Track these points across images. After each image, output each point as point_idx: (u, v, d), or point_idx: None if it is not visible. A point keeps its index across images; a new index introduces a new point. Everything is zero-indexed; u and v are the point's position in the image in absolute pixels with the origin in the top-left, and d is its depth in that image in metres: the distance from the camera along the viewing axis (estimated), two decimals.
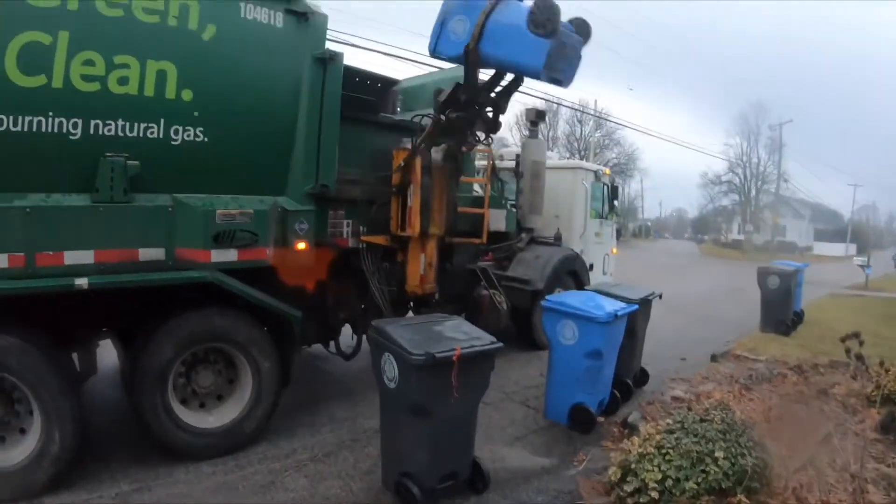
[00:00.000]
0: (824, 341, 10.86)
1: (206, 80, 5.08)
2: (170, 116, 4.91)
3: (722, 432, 4.68)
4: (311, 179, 5.81)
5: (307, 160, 5.78)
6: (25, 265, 4.32)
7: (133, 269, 4.79)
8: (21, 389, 4.43)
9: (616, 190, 11.75)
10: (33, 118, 4.31)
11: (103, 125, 4.61)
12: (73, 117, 4.48)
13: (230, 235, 5.14)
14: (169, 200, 4.97)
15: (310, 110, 5.72)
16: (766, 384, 8.21)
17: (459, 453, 4.79)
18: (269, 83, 5.50)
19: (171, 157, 4.97)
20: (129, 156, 4.68)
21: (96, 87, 4.53)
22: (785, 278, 12.23)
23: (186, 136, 5.01)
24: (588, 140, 49.81)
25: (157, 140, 4.88)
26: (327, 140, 5.87)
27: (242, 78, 5.31)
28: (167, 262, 4.97)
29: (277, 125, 5.59)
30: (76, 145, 4.52)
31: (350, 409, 6.62)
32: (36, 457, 4.42)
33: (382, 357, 4.61)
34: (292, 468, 5.21)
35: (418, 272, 7.12)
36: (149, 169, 4.78)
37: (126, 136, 4.72)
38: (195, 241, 5.02)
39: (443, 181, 6.97)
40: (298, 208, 5.70)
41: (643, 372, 8.00)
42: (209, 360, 5.43)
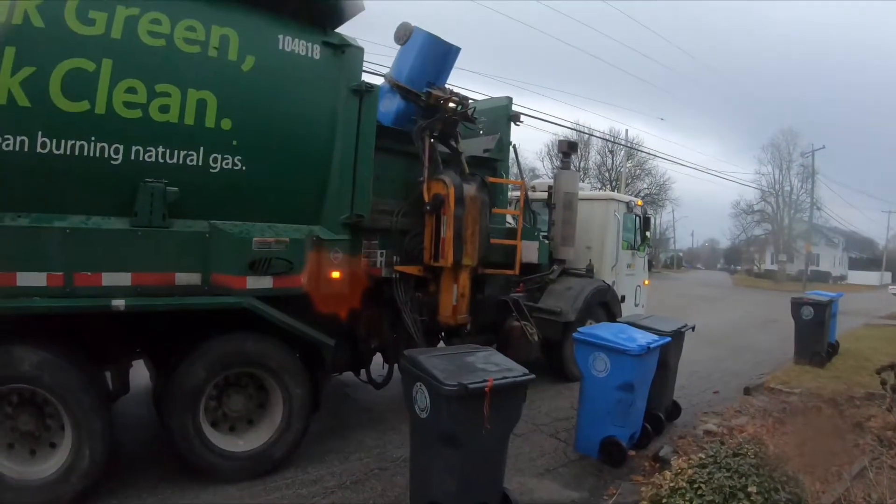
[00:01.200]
0: (860, 373, 10.66)
1: (245, 109, 5.19)
2: (209, 144, 5.01)
3: (755, 467, 4.62)
4: (346, 209, 5.87)
5: (342, 190, 5.85)
6: (64, 284, 4.42)
7: (169, 292, 4.87)
8: (53, 404, 4.50)
9: (648, 221, 11.69)
10: (76, 142, 4.41)
11: (144, 151, 4.71)
12: (115, 143, 4.58)
13: (266, 263, 5.24)
14: (206, 227, 5.05)
15: (345, 141, 5.81)
16: (800, 417, 8.07)
17: (489, 484, 4.75)
18: (305, 114, 5.60)
19: (209, 184, 5.05)
20: (169, 182, 4.78)
21: (138, 114, 4.64)
22: (819, 309, 12.03)
23: (225, 165, 5.10)
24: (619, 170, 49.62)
25: (196, 167, 4.97)
26: (362, 170, 5.96)
27: (280, 108, 5.42)
28: (203, 287, 5.05)
29: (314, 155, 5.67)
30: (117, 170, 4.62)
31: (379, 438, 6.62)
32: (65, 471, 4.49)
33: (414, 386, 4.61)
34: (319, 495, 5.22)
35: (451, 302, 7.14)
36: (187, 195, 4.87)
37: (166, 162, 4.82)
38: (231, 267, 5.12)
39: (475, 212, 7.00)
40: (333, 237, 5.76)
41: (675, 405, 7.89)
42: (241, 385, 5.49)
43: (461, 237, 6.88)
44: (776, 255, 57.95)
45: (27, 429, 4.54)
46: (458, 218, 6.81)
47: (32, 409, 4.55)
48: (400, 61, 7.21)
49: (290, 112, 5.48)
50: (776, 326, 17.16)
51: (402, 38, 7.14)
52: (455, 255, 6.88)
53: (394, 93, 7.10)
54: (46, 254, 4.36)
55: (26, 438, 4.57)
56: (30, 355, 4.32)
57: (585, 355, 6.25)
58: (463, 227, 6.88)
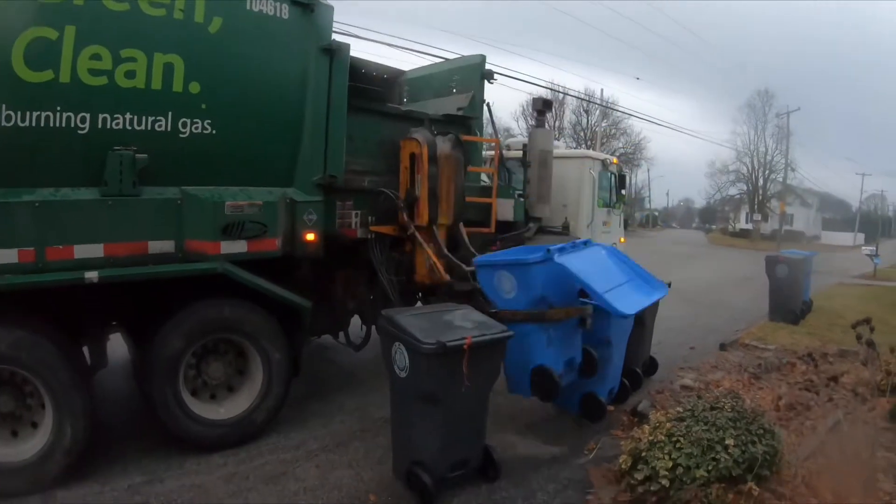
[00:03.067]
0: (833, 330, 10.87)
1: (213, 72, 5.09)
2: (177, 109, 4.92)
3: (732, 420, 4.67)
4: (319, 170, 5.83)
5: (315, 151, 5.79)
6: (35, 259, 4.34)
7: (142, 261, 4.81)
8: (32, 383, 4.45)
9: (623, 179, 11.62)
10: (41, 113, 4.32)
11: (111, 119, 4.62)
12: (81, 112, 4.49)
13: (239, 227, 5.17)
14: (178, 193, 4.98)
15: (317, 101, 5.73)
16: (775, 373, 8.22)
17: (470, 442, 4.81)
18: (275, 75, 5.51)
19: (179, 149, 4.98)
20: (138, 149, 4.70)
21: (104, 81, 4.54)
22: (794, 267, 12.21)
23: (194, 129, 5.03)
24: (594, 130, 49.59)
25: (166, 133, 4.89)
26: (335, 130, 5.89)
27: (249, 70, 5.33)
28: (177, 255, 5.00)
29: (285, 116, 5.60)
30: (84, 139, 4.53)
31: (360, 399, 6.65)
32: (48, 450, 4.44)
33: (393, 346, 4.62)
34: (303, 458, 5.24)
35: (427, 262, 7.11)
36: (157, 162, 4.80)
37: (134, 129, 4.73)
38: (205, 232, 5.04)
39: (450, 170, 6.96)
40: (307, 199, 5.71)
41: (652, 361, 8.00)
42: (219, 352, 5.45)
43: (436, 196, 6.84)
44: (751, 214, 58.56)
45: (7, 410, 4.49)
46: (432, 176, 6.76)
47: (11, 390, 4.49)
48: None
49: (259, 73, 5.39)
50: (751, 284, 17.38)
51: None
52: (430, 214, 6.84)
53: None
54: (16, 229, 4.27)
55: (7, 420, 4.53)
56: (5, 335, 4.25)
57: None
58: (437, 186, 6.84)
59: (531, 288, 5.53)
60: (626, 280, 5.85)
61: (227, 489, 4.67)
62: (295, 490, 4.72)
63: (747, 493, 4.19)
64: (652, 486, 4.44)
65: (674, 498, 4.32)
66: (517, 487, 4.88)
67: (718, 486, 4.25)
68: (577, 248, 5.68)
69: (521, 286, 5.55)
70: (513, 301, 5.65)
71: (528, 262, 5.42)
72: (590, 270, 5.38)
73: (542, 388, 5.55)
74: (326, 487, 4.78)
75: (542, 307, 5.52)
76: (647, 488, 4.47)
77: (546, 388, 5.53)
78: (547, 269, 5.47)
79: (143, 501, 4.42)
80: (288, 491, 4.70)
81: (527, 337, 5.52)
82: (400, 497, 4.68)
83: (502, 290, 5.70)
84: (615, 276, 5.65)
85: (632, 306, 5.42)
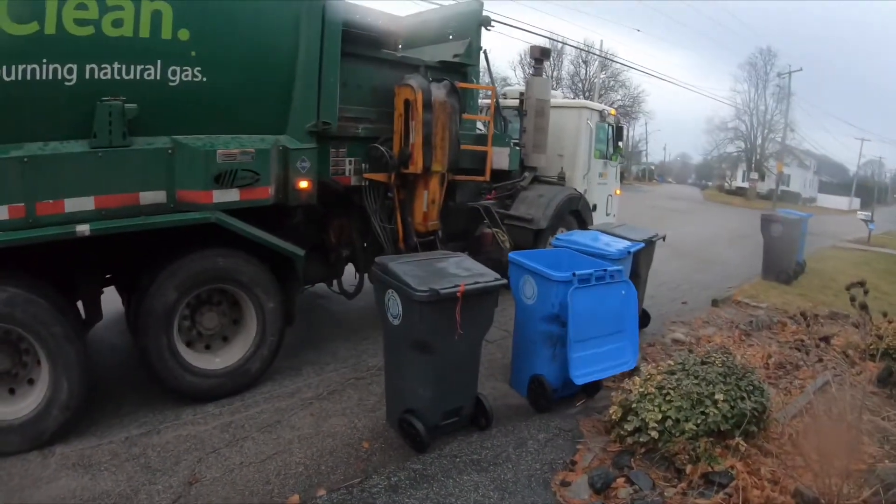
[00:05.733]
0: (825, 292, 10.93)
1: (203, 18, 4.94)
2: (166, 57, 4.79)
3: (722, 375, 4.70)
4: (312, 117, 5.74)
5: (308, 97, 5.69)
6: (26, 215, 4.28)
7: (134, 213, 4.75)
8: (27, 340, 4.43)
9: (621, 131, 11.56)
10: (27, 66, 4.19)
11: (99, 69, 4.50)
12: (68, 63, 4.36)
13: (231, 175, 5.10)
14: (168, 142, 4.89)
15: (309, 46, 5.60)
16: (765, 331, 8.29)
17: (463, 390, 4.85)
18: (266, 19, 5.37)
19: (169, 98, 4.87)
20: (127, 99, 4.58)
21: (90, 31, 4.40)
22: (788, 227, 12.22)
23: (184, 77, 4.91)
24: (593, 81, 49.06)
25: (155, 82, 4.77)
26: (328, 77, 5.79)
27: (240, 15, 5.18)
28: (168, 205, 4.93)
29: (277, 62, 5.48)
30: (72, 91, 4.42)
31: (353, 348, 6.69)
32: (45, 405, 4.44)
33: (386, 294, 4.62)
34: (297, 406, 5.29)
35: (422, 209, 7.09)
36: (147, 112, 4.69)
37: (122, 79, 4.61)
38: (196, 182, 4.97)
39: (444, 117, 6.82)
40: (300, 146, 5.63)
41: (645, 314, 8.04)
42: (213, 302, 5.45)
43: (430, 143, 6.74)
44: (748, 172, 58.33)
45: (4, 368, 4.48)
46: (426, 123, 6.65)
47: (7, 347, 4.48)
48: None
49: (250, 19, 5.24)
50: (745, 242, 17.44)
51: None
52: (424, 161, 6.75)
53: None
54: (6, 185, 4.20)
55: (4, 378, 4.52)
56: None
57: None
58: (432, 133, 6.74)
59: (548, 303, 5.42)
60: (610, 334, 5.63)
61: (223, 438, 4.70)
62: (290, 438, 4.76)
63: (735, 447, 4.24)
64: (641, 437, 4.50)
65: (662, 450, 4.39)
66: (508, 436, 4.93)
67: (706, 439, 4.30)
68: (605, 281, 5.49)
69: (541, 297, 5.50)
70: (533, 308, 5.60)
71: (552, 279, 5.32)
72: (585, 310, 5.29)
73: (536, 399, 5.56)
74: (321, 435, 4.83)
75: (554, 326, 5.41)
76: (636, 439, 4.53)
77: (539, 400, 5.53)
78: (565, 292, 5.26)
79: (141, 453, 4.45)
80: (283, 439, 4.75)
81: (535, 345, 5.57)
82: (393, 444, 4.74)
83: (524, 294, 5.67)
84: (603, 327, 5.54)
85: (584, 376, 5.31)
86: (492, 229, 8.33)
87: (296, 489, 4.11)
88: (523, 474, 4.42)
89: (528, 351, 5.65)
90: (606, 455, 4.68)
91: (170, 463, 4.34)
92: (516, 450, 4.74)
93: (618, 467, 4.46)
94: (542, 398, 5.49)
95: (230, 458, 4.45)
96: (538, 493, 4.23)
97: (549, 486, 4.30)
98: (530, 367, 5.62)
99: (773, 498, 3.87)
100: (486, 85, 8.87)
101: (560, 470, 4.52)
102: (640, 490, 4.16)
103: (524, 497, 4.16)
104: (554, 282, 5.25)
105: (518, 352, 5.85)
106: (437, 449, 4.65)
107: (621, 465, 4.46)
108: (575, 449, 4.82)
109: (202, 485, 4.10)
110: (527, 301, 5.61)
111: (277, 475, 4.27)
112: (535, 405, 5.53)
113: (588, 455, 4.70)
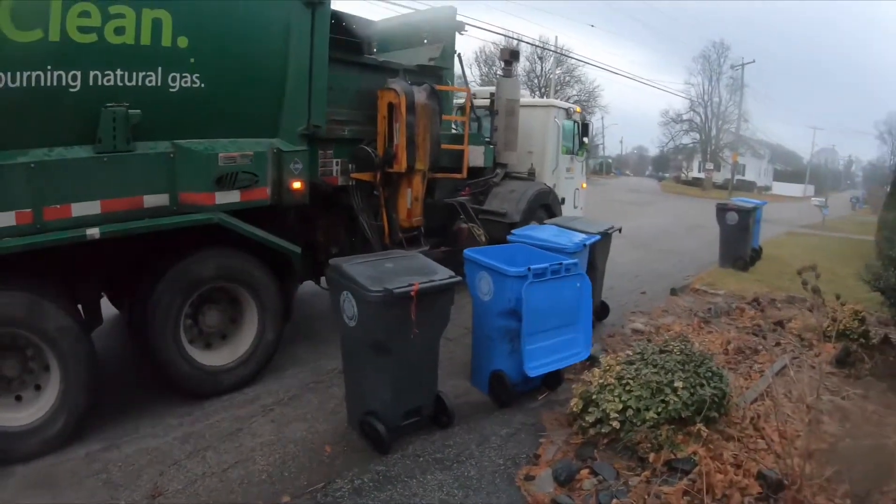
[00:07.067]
0: (781, 277, 11.10)
1: (200, 26, 5.09)
2: (167, 64, 4.92)
3: (681, 363, 4.75)
4: (303, 120, 5.97)
5: (299, 101, 5.91)
6: (33, 220, 4.32)
7: (139, 216, 4.85)
8: (36, 345, 4.44)
9: (586, 127, 11.99)
10: (32, 73, 4.25)
11: (102, 76, 4.59)
12: (72, 70, 4.43)
13: (232, 177, 5.27)
14: (170, 147, 5.01)
15: (300, 53, 5.81)
16: (724, 317, 8.41)
17: (422, 389, 4.82)
18: (260, 27, 5.55)
19: (169, 104, 4.99)
20: (130, 105, 4.67)
21: (93, 38, 4.48)
22: (743, 215, 12.40)
23: (184, 83, 5.05)
24: (549, 77, 49.39)
25: (156, 88, 4.89)
26: (318, 81, 6.01)
27: (235, 23, 5.35)
28: (171, 208, 5.05)
29: (270, 68, 5.67)
30: (76, 97, 4.48)
31: (313, 351, 6.63)
32: (54, 411, 4.45)
33: (341, 295, 4.59)
34: (258, 413, 5.21)
35: (406, 206, 7.45)
36: (149, 116, 4.78)
37: (125, 85, 4.72)
38: (199, 184, 5.10)
39: (426, 118, 7.19)
40: (293, 149, 5.83)
41: (603, 305, 8.13)
42: (215, 300, 5.59)
43: (413, 143, 7.09)
44: (703, 163, 59.16)
45: (12, 374, 4.47)
46: (410, 125, 6.98)
47: (14, 354, 4.46)
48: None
49: (244, 26, 5.42)
50: (702, 231, 17.68)
51: None
52: (408, 161, 7.09)
53: None
54: (12, 191, 4.23)
55: (12, 384, 4.50)
56: (7, 298, 4.22)
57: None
58: (415, 134, 7.08)
59: (504, 299, 5.38)
60: (561, 325, 5.61)
61: (184, 449, 4.62)
62: (251, 446, 4.69)
63: (696, 434, 4.29)
64: (603, 428, 4.52)
65: (624, 439, 4.41)
66: (470, 433, 4.92)
67: (668, 427, 4.34)
68: (560, 275, 5.45)
69: (497, 293, 5.46)
70: (490, 304, 5.56)
71: (507, 274, 5.29)
72: (540, 304, 5.28)
73: (497, 395, 5.55)
74: (282, 441, 4.77)
75: (512, 321, 5.36)
76: (598, 430, 4.55)
77: (500, 396, 5.53)
78: (521, 287, 5.22)
79: (102, 468, 4.34)
80: (244, 447, 4.67)
81: (493, 341, 5.56)
82: (355, 447, 4.68)
83: (480, 291, 5.66)
84: (557, 319, 5.53)
85: (537, 368, 5.33)
86: (468, 224, 8.58)
87: (260, 497, 4.05)
88: (487, 471, 4.41)
89: (487, 347, 5.64)
90: (569, 447, 4.69)
91: (132, 477, 4.24)
92: (479, 446, 4.73)
93: (581, 459, 4.47)
94: (503, 394, 5.48)
95: (192, 469, 4.36)
96: (502, 488, 4.21)
97: (513, 482, 4.29)
98: (490, 363, 5.62)
99: (737, 481, 3.91)
100: (461, 87, 9.17)
101: (524, 464, 4.52)
102: (604, 480, 4.17)
103: (489, 493, 4.14)
104: (509, 277, 5.25)
105: (477, 348, 5.84)
106: (400, 449, 4.62)
107: (584, 457, 4.47)
108: (538, 443, 4.82)
109: (165, 498, 4.02)
110: (483, 297, 5.59)
111: (241, 484, 4.20)
112: (497, 401, 5.52)
113: (551, 448, 4.70)
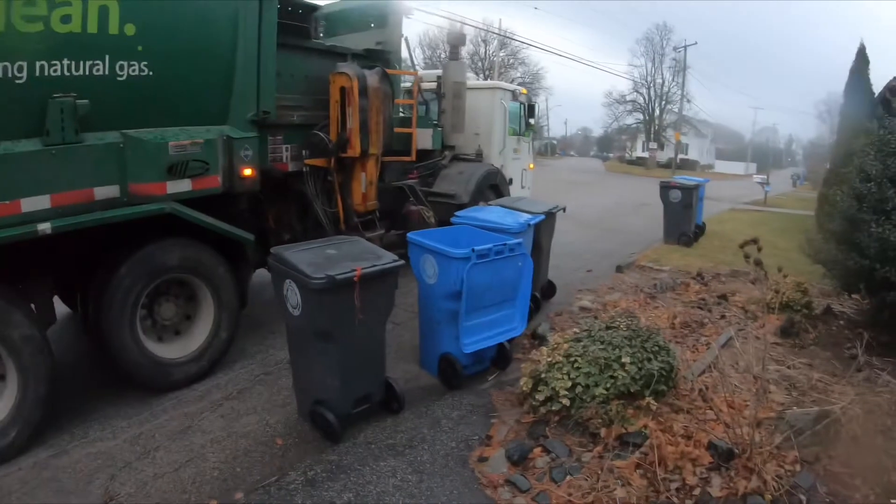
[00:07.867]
0: (725, 252, 11.34)
1: (148, 13, 4.97)
2: (114, 52, 4.80)
3: (628, 339, 4.80)
4: (252, 106, 5.91)
5: (248, 88, 5.85)
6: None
7: (89, 209, 4.73)
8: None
9: (532, 109, 12.07)
10: None
11: (49, 66, 4.45)
12: (18, 60, 4.29)
13: (183, 166, 5.23)
14: (119, 137, 4.91)
15: (248, 38, 5.75)
16: (669, 292, 8.53)
17: (371, 376, 4.78)
18: (208, 14, 5.46)
19: (117, 93, 4.88)
20: (77, 95, 4.55)
21: (39, 27, 4.34)
22: (686, 192, 12.62)
23: (132, 72, 4.94)
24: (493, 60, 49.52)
25: (104, 77, 4.77)
26: (266, 67, 5.97)
27: (182, 10, 5.26)
28: (122, 199, 4.94)
29: (218, 55, 5.60)
30: (23, 89, 4.35)
31: (260, 343, 6.55)
32: (12, 417, 4.35)
33: (284, 284, 4.52)
34: (207, 409, 5.12)
35: (360, 190, 7.42)
36: (97, 107, 4.67)
37: (72, 75, 4.58)
38: (149, 174, 5.04)
39: (378, 103, 7.16)
40: (243, 135, 5.79)
41: (550, 284, 8.20)
42: (170, 292, 5.53)
43: (367, 127, 7.05)
44: (647, 143, 60.12)
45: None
46: (362, 109, 6.95)
47: None
48: None
49: (192, 13, 5.33)
50: (646, 210, 17.95)
51: None
52: (362, 145, 7.05)
53: None
54: None
55: None
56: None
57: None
58: (368, 118, 7.05)
59: (449, 281, 5.36)
60: (501, 301, 5.68)
61: (134, 451, 4.50)
62: (202, 443, 4.60)
63: (646, 407, 4.35)
64: (553, 406, 4.54)
65: (575, 416, 4.44)
66: (422, 417, 4.92)
67: (617, 402, 4.39)
68: (503, 255, 5.45)
69: (442, 275, 5.43)
70: (435, 287, 5.54)
71: (451, 256, 5.27)
72: (481, 284, 5.31)
73: (447, 377, 5.56)
74: (233, 437, 4.68)
75: (458, 303, 5.32)
76: (549, 409, 4.58)
77: (450, 378, 5.54)
78: (464, 268, 5.21)
79: (52, 476, 4.19)
80: (195, 445, 4.58)
81: (440, 324, 5.55)
82: (306, 438, 4.64)
83: (426, 274, 5.63)
84: (497, 296, 5.59)
85: (473, 344, 5.38)
86: (417, 207, 8.55)
87: (213, 495, 3.97)
88: (440, 454, 4.41)
89: (434, 330, 5.63)
90: (521, 427, 4.71)
91: (82, 483, 4.11)
92: (431, 430, 4.73)
93: (533, 438, 4.50)
94: (453, 376, 5.49)
95: (143, 470, 4.25)
96: (456, 471, 4.21)
97: (466, 464, 4.30)
98: (438, 346, 5.61)
99: (688, 452, 3.96)
100: (409, 70, 9.31)
101: (476, 446, 4.53)
102: (557, 458, 4.21)
103: (443, 477, 4.14)
104: (454, 259, 5.23)
105: (425, 332, 5.83)
106: (352, 438, 4.59)
107: (536, 436, 4.50)
108: (489, 424, 4.83)
109: (117, 502, 3.91)
110: (429, 280, 5.58)
111: (193, 483, 4.11)
112: (447, 384, 5.52)
113: (503, 428, 4.72)
